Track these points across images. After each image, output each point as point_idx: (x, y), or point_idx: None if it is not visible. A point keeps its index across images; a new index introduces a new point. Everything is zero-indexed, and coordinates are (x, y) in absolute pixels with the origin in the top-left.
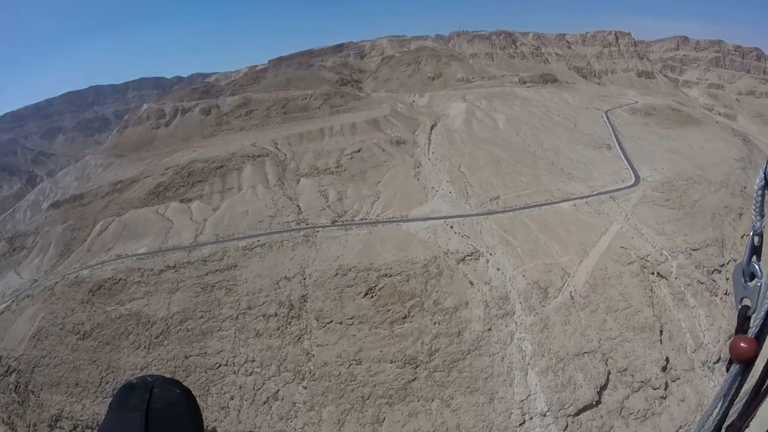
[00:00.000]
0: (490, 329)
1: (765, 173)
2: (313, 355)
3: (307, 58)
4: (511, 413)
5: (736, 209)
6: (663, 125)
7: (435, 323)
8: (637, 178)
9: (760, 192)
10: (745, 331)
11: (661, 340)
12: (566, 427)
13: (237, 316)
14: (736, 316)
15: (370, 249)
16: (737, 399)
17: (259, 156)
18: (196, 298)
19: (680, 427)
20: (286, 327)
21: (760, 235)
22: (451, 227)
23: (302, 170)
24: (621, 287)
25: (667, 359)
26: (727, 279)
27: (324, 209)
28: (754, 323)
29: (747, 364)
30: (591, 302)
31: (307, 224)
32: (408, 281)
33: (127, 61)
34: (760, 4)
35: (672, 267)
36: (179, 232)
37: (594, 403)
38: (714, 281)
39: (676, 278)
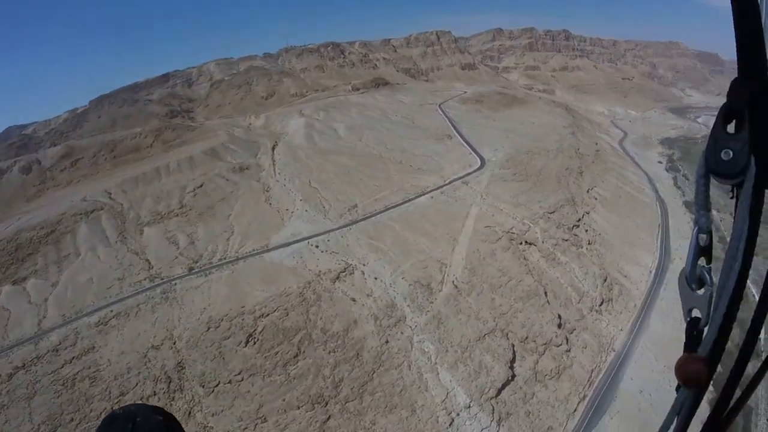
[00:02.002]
0: (387, 341)
1: (706, 159)
2: (212, 428)
3: (131, 93)
4: (438, 417)
5: (575, 169)
6: (493, 109)
7: (330, 352)
8: (483, 160)
9: (702, 182)
10: (695, 349)
11: (548, 301)
12: (493, 410)
13: (112, 407)
14: (685, 329)
15: (237, 291)
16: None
17: (93, 211)
18: (59, 399)
19: (592, 371)
20: (171, 404)
21: (708, 234)
22: (317, 247)
23: (144, 218)
24: (497, 264)
25: (559, 316)
26: (587, 230)
27: (177, 258)
28: (706, 339)
29: (699, 389)
30: (475, 286)
31: (162, 279)
32: (288, 316)
33: None
34: None
35: (536, 233)
36: (20, 322)
37: (510, 378)
38: (576, 235)
39: (543, 242)
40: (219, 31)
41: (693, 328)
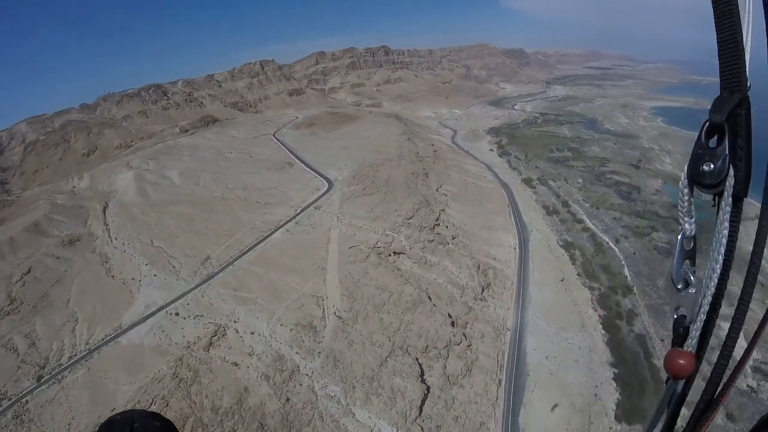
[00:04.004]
0: (288, 399)
1: (690, 171)
2: None
3: None
4: None
5: (420, 171)
6: (328, 129)
7: None
8: (329, 181)
9: (686, 191)
10: (682, 344)
11: (434, 304)
12: (422, 429)
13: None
14: (672, 326)
15: (101, 391)
16: (679, 413)
17: None
18: None
19: (497, 356)
20: None
21: (692, 239)
22: (177, 314)
23: None
24: (373, 282)
25: (449, 315)
26: (447, 227)
27: (20, 367)
28: (692, 335)
29: (687, 380)
30: (358, 311)
31: (10, 398)
32: (168, 405)
33: None
34: (379, 15)
35: (402, 241)
36: None
37: (425, 392)
38: (439, 234)
39: (410, 248)
40: (26, 84)
41: (679, 325)
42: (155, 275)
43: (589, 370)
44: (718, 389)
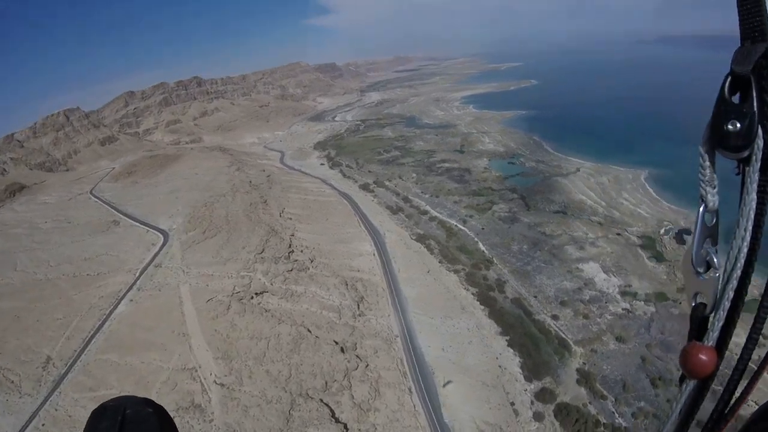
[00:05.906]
0: None
1: (711, 132)
2: None
3: None
4: None
5: (258, 200)
6: (149, 175)
7: None
8: (164, 232)
9: (707, 157)
10: (701, 337)
11: (316, 336)
12: None
13: None
14: (689, 316)
15: None
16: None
17: None
18: None
19: (398, 365)
20: None
21: (715, 213)
22: None
23: None
24: (245, 333)
25: (335, 342)
26: (302, 251)
27: None
28: (713, 327)
29: (705, 379)
30: (240, 370)
31: None
32: None
33: None
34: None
35: (260, 278)
36: None
37: (344, 430)
38: (297, 260)
39: (272, 284)
40: None
41: (698, 314)
42: None
43: (484, 346)
44: (735, 395)
